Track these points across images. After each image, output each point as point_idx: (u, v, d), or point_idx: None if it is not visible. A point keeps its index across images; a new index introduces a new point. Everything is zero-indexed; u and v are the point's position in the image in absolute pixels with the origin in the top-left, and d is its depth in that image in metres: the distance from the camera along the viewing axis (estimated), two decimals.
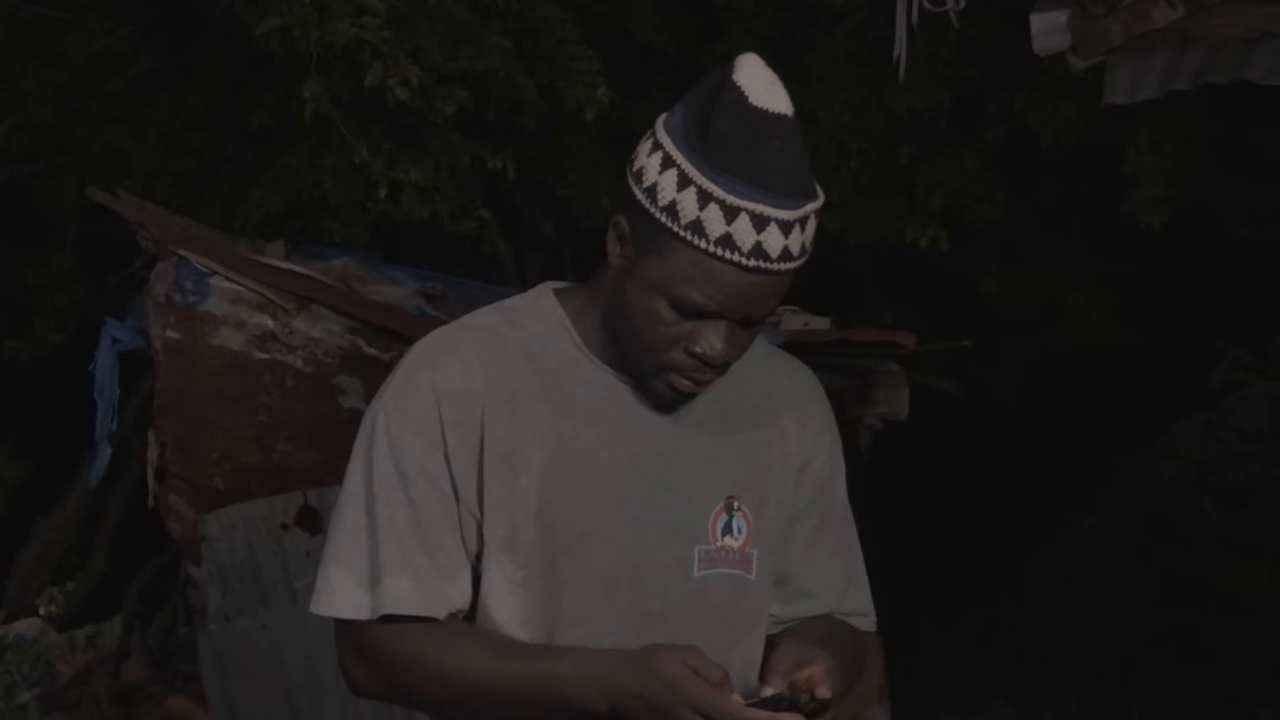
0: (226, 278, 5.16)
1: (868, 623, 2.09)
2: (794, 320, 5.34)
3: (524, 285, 6.83)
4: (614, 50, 5.86)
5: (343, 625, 1.91)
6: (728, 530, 1.94)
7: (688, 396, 1.90)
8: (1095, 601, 7.23)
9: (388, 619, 1.87)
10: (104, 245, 6.14)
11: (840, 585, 2.06)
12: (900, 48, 4.13)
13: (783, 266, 1.81)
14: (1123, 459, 7.30)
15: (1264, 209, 6.69)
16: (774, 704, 1.76)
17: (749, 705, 1.75)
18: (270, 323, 5.16)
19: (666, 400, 1.91)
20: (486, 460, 1.87)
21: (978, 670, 7.26)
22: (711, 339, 1.84)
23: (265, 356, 5.15)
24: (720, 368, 1.88)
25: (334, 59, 4.96)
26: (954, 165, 6.46)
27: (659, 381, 1.89)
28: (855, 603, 2.08)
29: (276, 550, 4.99)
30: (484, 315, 1.96)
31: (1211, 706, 6.58)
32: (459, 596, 1.89)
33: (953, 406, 6.68)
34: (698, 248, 1.79)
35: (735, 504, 1.94)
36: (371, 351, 5.14)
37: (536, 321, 1.94)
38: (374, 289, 5.42)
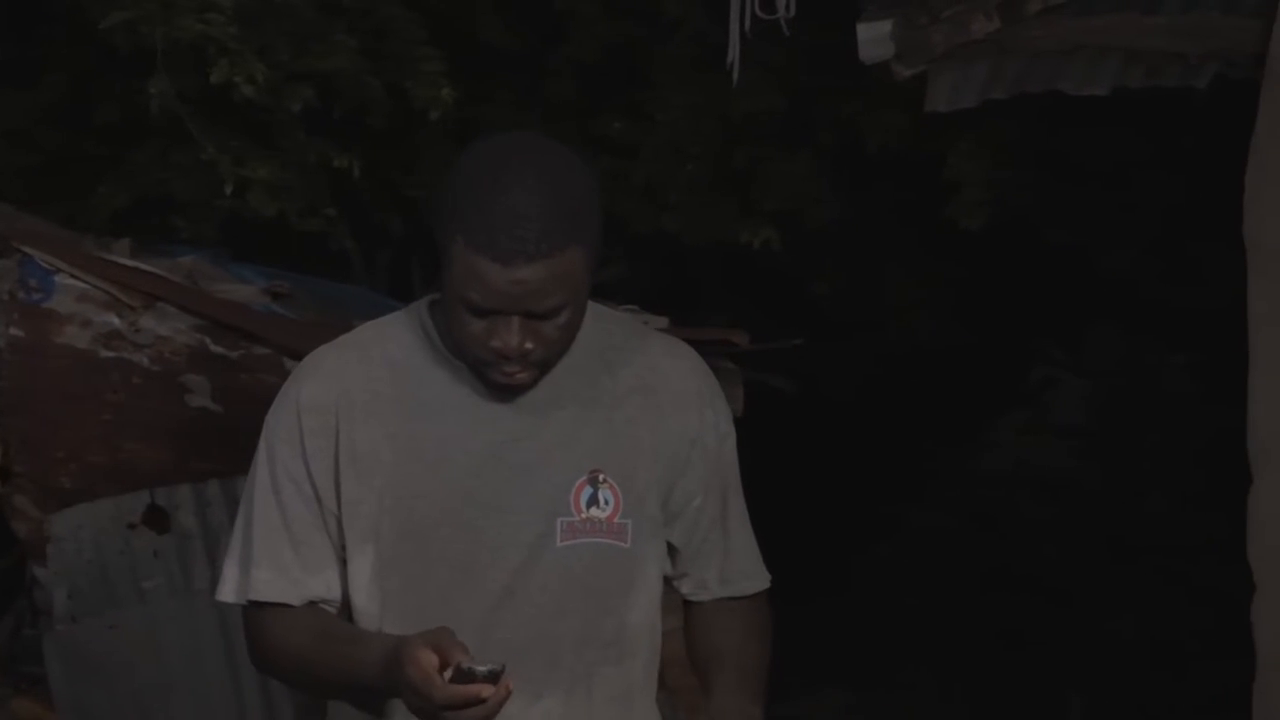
0: (72, 275, 5.12)
1: (762, 581, 2.25)
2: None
3: (372, 284, 6.88)
4: (461, 51, 5.95)
5: (243, 611, 2.10)
6: (593, 502, 2.04)
7: (520, 388, 2.02)
8: (922, 592, 7.44)
9: (258, 605, 2.06)
10: None
11: (748, 556, 2.23)
12: (733, 54, 4.24)
13: (539, 259, 1.92)
14: (948, 454, 7.52)
15: (1077, 213, 6.95)
16: (465, 677, 1.85)
17: (449, 682, 1.84)
18: (117, 321, 5.14)
19: (505, 391, 2.03)
20: (341, 463, 2.03)
21: (811, 661, 7.42)
22: (503, 334, 1.95)
23: (111, 355, 5.13)
24: (525, 358, 1.97)
25: (181, 54, 4.98)
26: (787, 169, 6.64)
27: (486, 376, 2.02)
28: (752, 564, 2.25)
29: (124, 550, 4.96)
30: (360, 331, 2.14)
31: (1029, 691, 6.81)
32: (322, 588, 2.05)
33: (788, 404, 6.86)
34: (465, 248, 1.94)
35: (600, 476, 2.04)
36: (219, 350, 5.14)
37: (405, 332, 2.08)
38: (222, 287, 5.41)
